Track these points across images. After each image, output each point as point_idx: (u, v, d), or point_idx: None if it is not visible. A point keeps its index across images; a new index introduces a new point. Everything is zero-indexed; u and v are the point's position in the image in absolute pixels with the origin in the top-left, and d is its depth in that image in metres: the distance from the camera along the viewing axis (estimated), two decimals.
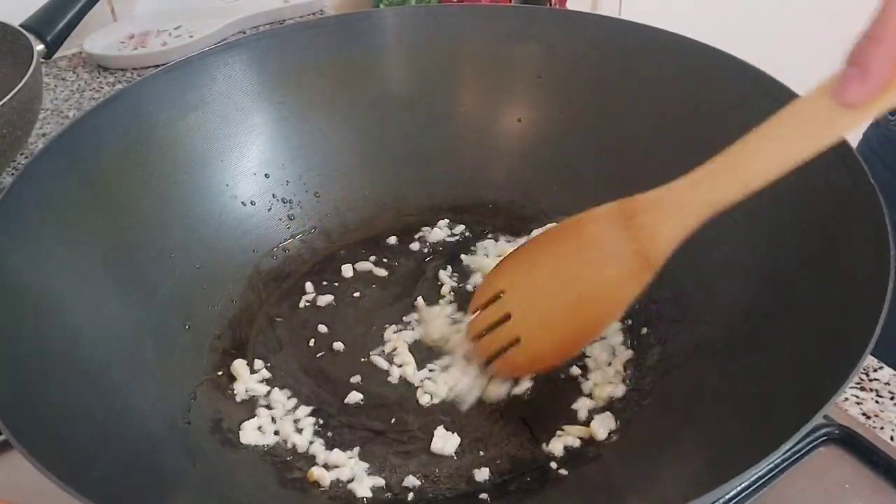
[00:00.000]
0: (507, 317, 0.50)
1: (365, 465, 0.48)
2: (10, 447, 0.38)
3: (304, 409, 0.51)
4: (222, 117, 0.61)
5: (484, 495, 0.46)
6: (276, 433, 0.50)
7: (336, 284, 0.60)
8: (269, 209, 0.63)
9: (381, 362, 0.54)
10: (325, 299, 0.58)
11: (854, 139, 0.90)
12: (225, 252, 0.59)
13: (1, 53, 0.76)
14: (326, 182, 0.65)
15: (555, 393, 0.51)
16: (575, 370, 0.52)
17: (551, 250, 0.50)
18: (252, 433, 0.49)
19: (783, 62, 0.66)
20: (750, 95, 0.55)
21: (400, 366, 0.53)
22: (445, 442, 0.48)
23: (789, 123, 0.41)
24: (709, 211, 0.44)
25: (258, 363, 0.54)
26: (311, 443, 0.49)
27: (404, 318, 0.57)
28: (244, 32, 1.00)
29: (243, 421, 0.50)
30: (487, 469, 0.47)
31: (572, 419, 0.49)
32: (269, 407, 0.51)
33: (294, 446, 0.49)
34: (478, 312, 0.52)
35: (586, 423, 0.49)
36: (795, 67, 0.71)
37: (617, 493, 0.45)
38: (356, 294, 0.59)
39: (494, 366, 0.51)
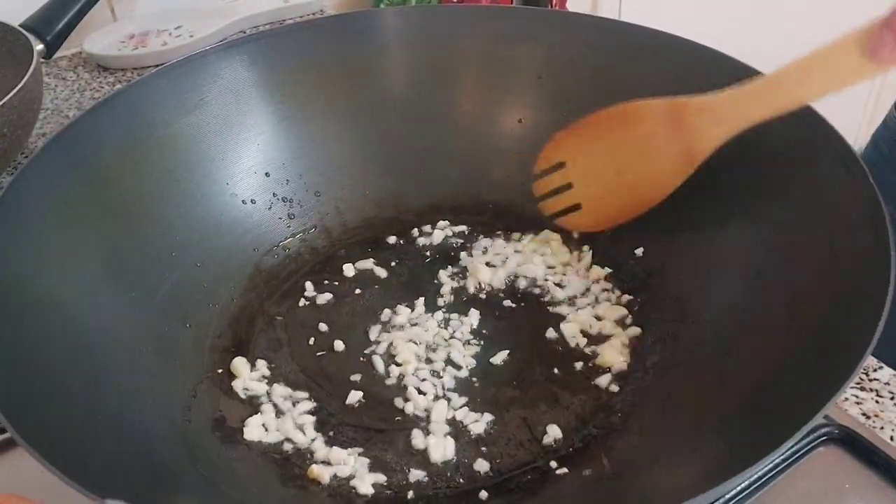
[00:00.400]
0: (569, 185, 0.59)
1: (366, 461, 0.48)
2: (13, 444, 0.38)
3: (305, 407, 0.51)
4: (222, 116, 0.61)
5: (483, 494, 0.46)
6: (277, 431, 0.50)
7: (336, 284, 0.60)
8: (270, 208, 0.63)
9: (381, 361, 0.54)
10: (325, 298, 0.58)
11: (861, 142, 0.90)
12: (225, 251, 0.59)
13: (1, 53, 0.76)
14: (326, 181, 0.65)
15: (555, 393, 0.51)
16: (578, 365, 0.53)
17: (609, 135, 0.57)
18: (256, 430, 0.49)
19: (782, 63, 0.66)
20: None
21: (399, 364, 0.53)
22: (443, 449, 0.48)
23: (823, 63, 0.46)
24: (746, 124, 0.50)
25: (258, 362, 0.54)
26: (312, 440, 0.49)
27: (403, 320, 0.56)
28: (244, 32, 1.00)
29: (244, 419, 0.50)
30: (488, 467, 0.47)
31: (572, 418, 0.49)
32: (269, 405, 0.51)
33: (295, 444, 0.49)
34: (542, 174, 0.60)
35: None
36: None
37: (616, 493, 0.45)
38: (356, 293, 0.59)
39: (559, 221, 0.60)
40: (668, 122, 0.53)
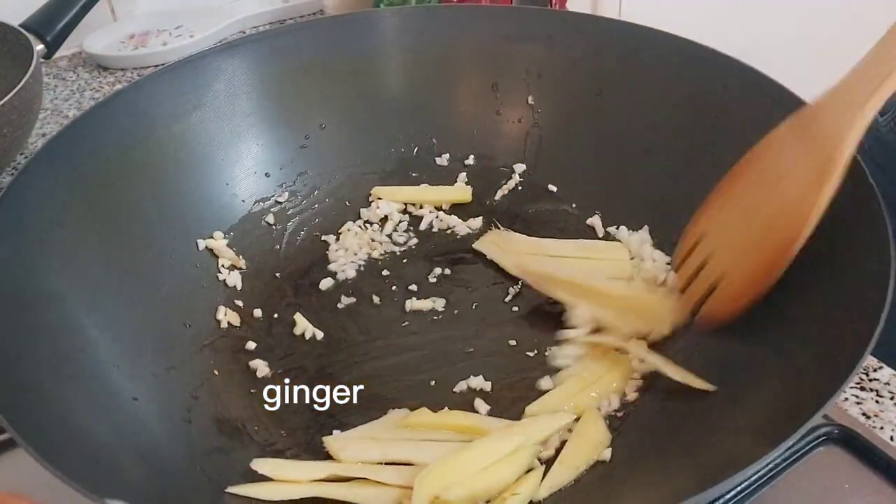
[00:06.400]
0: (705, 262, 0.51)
1: None
2: (13, 444, 0.38)
3: (306, 406, 0.51)
4: (222, 117, 0.61)
5: None
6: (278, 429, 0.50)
7: (336, 283, 0.60)
8: (270, 208, 0.63)
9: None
10: (325, 298, 0.58)
11: None
12: None
13: (1, 53, 0.76)
14: (326, 181, 0.65)
15: None
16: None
17: (740, 183, 0.50)
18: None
19: (782, 63, 0.66)
20: (749, 96, 0.55)
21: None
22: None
23: None
24: (888, 90, 0.43)
25: (259, 361, 0.54)
26: (314, 438, 0.49)
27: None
28: (244, 32, 1.00)
29: (244, 419, 0.50)
30: None
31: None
32: (270, 404, 0.51)
33: (296, 442, 0.49)
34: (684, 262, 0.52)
35: None
36: (795, 69, 0.71)
37: (616, 492, 0.45)
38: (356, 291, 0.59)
39: (701, 316, 0.51)
40: (794, 139, 0.47)
